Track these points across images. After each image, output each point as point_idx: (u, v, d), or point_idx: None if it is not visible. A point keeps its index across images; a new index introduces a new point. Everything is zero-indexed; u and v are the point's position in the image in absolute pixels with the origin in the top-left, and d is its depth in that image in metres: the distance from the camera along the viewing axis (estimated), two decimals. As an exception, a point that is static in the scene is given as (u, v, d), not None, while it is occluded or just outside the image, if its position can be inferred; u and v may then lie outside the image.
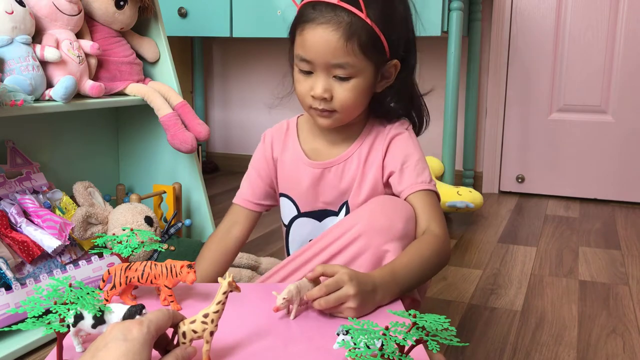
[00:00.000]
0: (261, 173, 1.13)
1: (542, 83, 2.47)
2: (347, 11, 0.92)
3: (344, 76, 0.95)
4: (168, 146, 1.64)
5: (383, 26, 0.95)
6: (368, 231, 0.91)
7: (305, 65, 0.97)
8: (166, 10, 2.27)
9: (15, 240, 1.23)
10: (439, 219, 0.99)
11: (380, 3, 0.95)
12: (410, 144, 1.05)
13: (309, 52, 0.95)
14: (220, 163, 3.06)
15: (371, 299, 0.83)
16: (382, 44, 0.96)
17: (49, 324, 0.66)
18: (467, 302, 1.42)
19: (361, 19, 0.92)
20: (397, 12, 0.98)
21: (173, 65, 1.70)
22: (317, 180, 1.07)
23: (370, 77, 0.98)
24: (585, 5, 2.36)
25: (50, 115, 1.57)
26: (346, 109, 0.98)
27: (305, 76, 0.98)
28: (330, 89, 0.96)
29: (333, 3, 0.92)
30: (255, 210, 1.14)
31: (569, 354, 1.17)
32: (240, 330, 0.76)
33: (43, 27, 1.40)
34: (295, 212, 1.11)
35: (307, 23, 0.94)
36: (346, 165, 1.05)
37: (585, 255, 1.78)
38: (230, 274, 0.69)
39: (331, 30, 0.92)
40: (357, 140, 1.06)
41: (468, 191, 2.03)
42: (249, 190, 1.14)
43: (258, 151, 1.15)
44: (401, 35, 1.00)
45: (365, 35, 0.93)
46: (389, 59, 0.99)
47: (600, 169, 2.44)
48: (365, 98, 1.00)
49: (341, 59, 0.93)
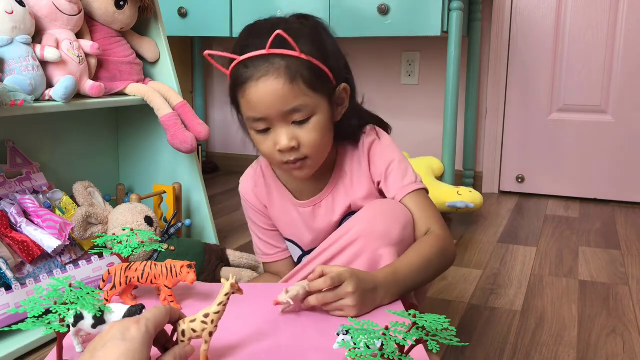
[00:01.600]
0: (264, 225, 1.14)
1: (542, 83, 2.47)
2: (280, 56, 0.90)
3: (302, 119, 0.92)
4: (168, 146, 1.64)
5: (319, 56, 0.93)
6: (365, 235, 0.92)
7: (261, 124, 0.94)
8: (166, 10, 2.27)
9: (15, 240, 1.23)
10: (437, 218, 0.99)
11: (308, 36, 0.94)
12: (386, 148, 1.04)
13: (259, 109, 0.92)
14: (220, 163, 3.06)
15: (371, 298, 0.83)
16: (326, 73, 0.94)
17: (49, 324, 0.66)
18: (467, 302, 1.42)
19: (297, 58, 0.91)
20: (326, 39, 0.97)
21: (173, 65, 1.70)
22: (311, 218, 1.07)
23: (327, 110, 0.95)
24: (585, 5, 2.36)
25: (50, 115, 1.58)
26: (316, 151, 0.96)
27: (264, 135, 0.95)
28: (295, 137, 0.93)
29: (264, 54, 0.90)
30: (285, 257, 1.16)
31: (569, 354, 1.17)
32: (239, 330, 0.76)
33: (43, 27, 1.40)
34: (299, 251, 1.12)
35: (246, 83, 0.91)
36: (335, 197, 1.05)
37: (585, 255, 1.78)
38: (234, 276, 0.69)
39: (273, 79, 0.90)
40: (337, 168, 1.05)
41: (468, 191, 2.03)
42: (266, 246, 1.16)
43: (247, 208, 1.15)
44: (339, 59, 0.99)
45: (307, 71, 0.91)
46: (336, 86, 0.97)
47: (600, 169, 2.44)
48: (330, 132, 0.98)
49: (294, 103, 0.91)
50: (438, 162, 2.17)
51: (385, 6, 2.10)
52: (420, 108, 2.64)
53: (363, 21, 2.16)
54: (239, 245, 1.83)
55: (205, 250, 1.49)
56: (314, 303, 0.81)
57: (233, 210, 2.24)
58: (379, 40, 2.60)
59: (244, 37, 0.96)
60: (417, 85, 2.62)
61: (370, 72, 2.67)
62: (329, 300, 0.80)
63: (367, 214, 0.95)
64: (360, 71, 1.02)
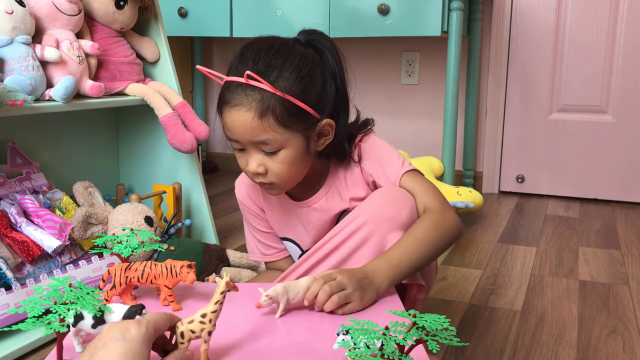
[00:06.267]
0: (260, 227, 1.15)
1: (542, 83, 2.47)
2: (256, 89, 0.90)
3: (271, 151, 0.94)
4: (168, 146, 1.64)
5: (299, 92, 0.92)
6: (373, 219, 0.93)
7: (235, 144, 0.96)
8: (166, 10, 2.27)
9: (15, 240, 1.23)
10: (432, 193, 0.99)
11: (291, 70, 0.92)
12: (375, 144, 1.05)
13: (232, 133, 0.94)
14: (220, 163, 3.06)
15: (369, 285, 0.84)
16: (303, 109, 0.93)
17: (49, 324, 0.66)
18: (467, 302, 1.42)
19: (272, 93, 0.90)
20: (313, 74, 0.94)
21: (173, 65, 1.70)
22: (307, 218, 1.07)
23: (300, 144, 0.95)
24: (585, 5, 2.36)
25: (50, 115, 1.58)
26: (283, 180, 0.97)
27: (239, 152, 0.97)
28: (263, 164, 0.95)
29: (242, 83, 0.91)
30: (283, 257, 1.17)
31: (569, 354, 1.17)
32: (239, 330, 0.76)
33: (43, 27, 1.40)
34: (299, 251, 1.13)
35: (224, 105, 0.93)
36: (329, 199, 1.05)
37: (585, 255, 1.78)
38: (228, 274, 0.69)
39: (244, 111, 0.91)
40: (331, 172, 1.06)
41: (468, 191, 2.03)
42: (263, 247, 1.17)
43: (243, 209, 1.16)
44: (325, 95, 0.96)
45: (280, 108, 0.90)
46: (319, 120, 0.96)
47: (600, 168, 2.44)
48: (302, 163, 0.98)
49: (261, 137, 0.92)
50: (438, 162, 2.17)
51: (385, 6, 2.10)
52: (420, 108, 2.64)
53: (363, 21, 2.16)
54: (239, 245, 1.83)
55: (205, 250, 1.49)
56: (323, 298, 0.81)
57: (233, 210, 2.24)
58: (379, 40, 2.60)
59: (236, 57, 0.96)
60: (417, 85, 2.62)
61: (370, 72, 2.67)
62: (335, 289, 0.81)
63: (373, 200, 0.97)
64: (360, 71, 1.01)
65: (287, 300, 0.81)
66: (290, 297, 0.81)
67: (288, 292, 0.81)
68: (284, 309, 0.81)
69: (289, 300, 0.81)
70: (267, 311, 0.82)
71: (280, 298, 0.81)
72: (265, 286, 0.82)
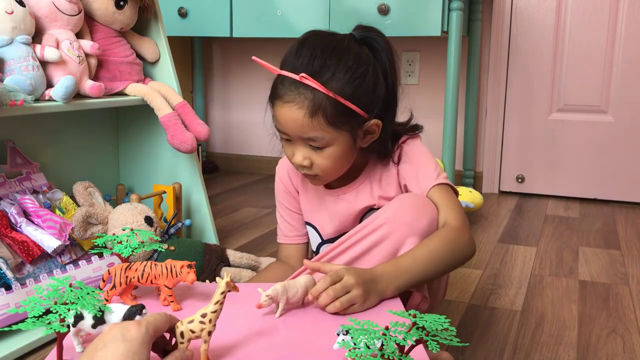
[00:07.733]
0: (290, 207, 1.17)
1: (542, 83, 2.47)
2: (309, 87, 0.93)
3: (318, 146, 0.97)
4: (168, 146, 1.64)
5: (350, 93, 0.94)
6: (392, 221, 0.94)
7: (284, 135, 1.00)
8: (166, 10, 2.27)
9: (15, 240, 1.23)
10: (456, 210, 1.00)
11: (344, 71, 0.94)
12: (416, 149, 1.07)
13: (282, 126, 0.98)
14: (220, 163, 3.06)
15: (373, 288, 0.85)
16: (353, 110, 0.95)
17: (49, 324, 0.66)
18: (467, 302, 1.42)
19: (324, 94, 0.92)
20: (365, 75, 0.96)
21: (173, 65, 1.70)
22: (334, 206, 1.09)
23: (347, 142, 0.98)
24: (585, 5, 2.36)
25: (50, 115, 1.57)
26: (327, 173, 1.01)
27: (287, 143, 1.01)
28: (308, 157, 0.99)
29: (296, 80, 0.93)
30: (300, 243, 1.18)
31: (569, 354, 1.17)
32: (239, 330, 0.76)
33: (43, 27, 1.40)
34: (319, 239, 1.14)
35: (276, 99, 0.97)
36: (359, 193, 1.07)
37: (585, 255, 1.78)
38: (228, 274, 0.69)
39: (296, 108, 0.94)
40: (368, 167, 1.08)
41: (468, 191, 2.04)
42: (287, 227, 1.18)
43: (278, 187, 1.19)
44: (375, 95, 0.98)
45: (331, 108, 0.93)
46: (367, 119, 0.98)
47: (600, 169, 2.44)
48: (347, 158, 1.02)
49: (310, 134, 0.95)
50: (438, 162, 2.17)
51: (385, 6, 2.10)
52: (420, 108, 2.64)
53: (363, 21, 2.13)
54: (239, 245, 1.83)
55: (205, 250, 1.49)
56: (325, 301, 0.82)
57: (233, 210, 2.24)
58: (379, 40, 2.59)
59: (292, 50, 0.98)
60: (417, 85, 2.62)
61: (370, 72, 2.67)
62: (339, 293, 0.81)
63: (395, 204, 0.98)
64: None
65: (286, 299, 0.81)
66: (290, 296, 0.82)
67: (287, 292, 0.81)
68: (284, 308, 0.81)
69: (288, 299, 0.81)
70: (267, 311, 0.82)
71: (280, 298, 0.81)
72: (265, 286, 0.82)
